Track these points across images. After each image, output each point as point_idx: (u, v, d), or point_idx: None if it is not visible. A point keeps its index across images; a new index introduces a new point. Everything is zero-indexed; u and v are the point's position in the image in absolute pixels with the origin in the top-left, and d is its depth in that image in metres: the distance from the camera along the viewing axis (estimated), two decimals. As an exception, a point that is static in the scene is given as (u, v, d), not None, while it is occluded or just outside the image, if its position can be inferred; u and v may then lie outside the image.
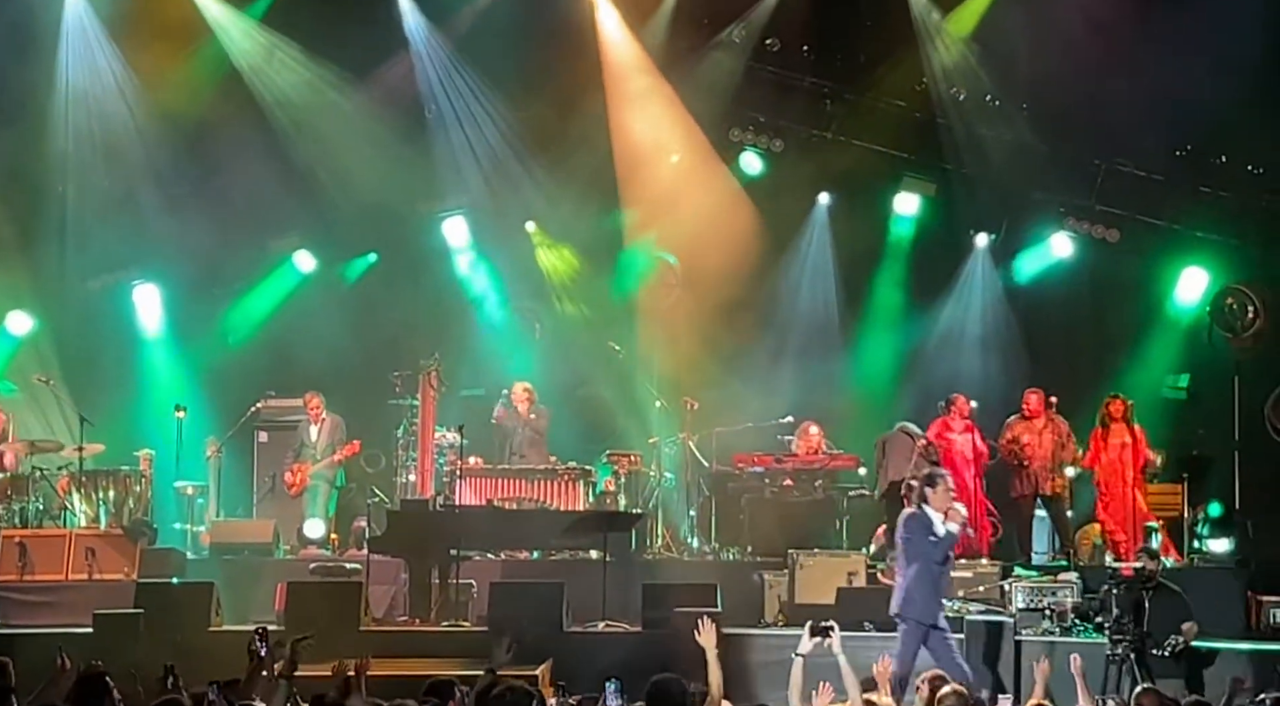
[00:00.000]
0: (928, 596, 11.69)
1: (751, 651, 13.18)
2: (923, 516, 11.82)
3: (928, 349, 18.40)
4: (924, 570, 11.73)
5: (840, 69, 17.97)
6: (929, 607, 11.67)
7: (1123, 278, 18.38)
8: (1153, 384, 17.97)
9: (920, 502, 11.87)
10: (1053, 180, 18.10)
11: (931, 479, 11.95)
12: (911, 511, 11.94)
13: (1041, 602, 14.57)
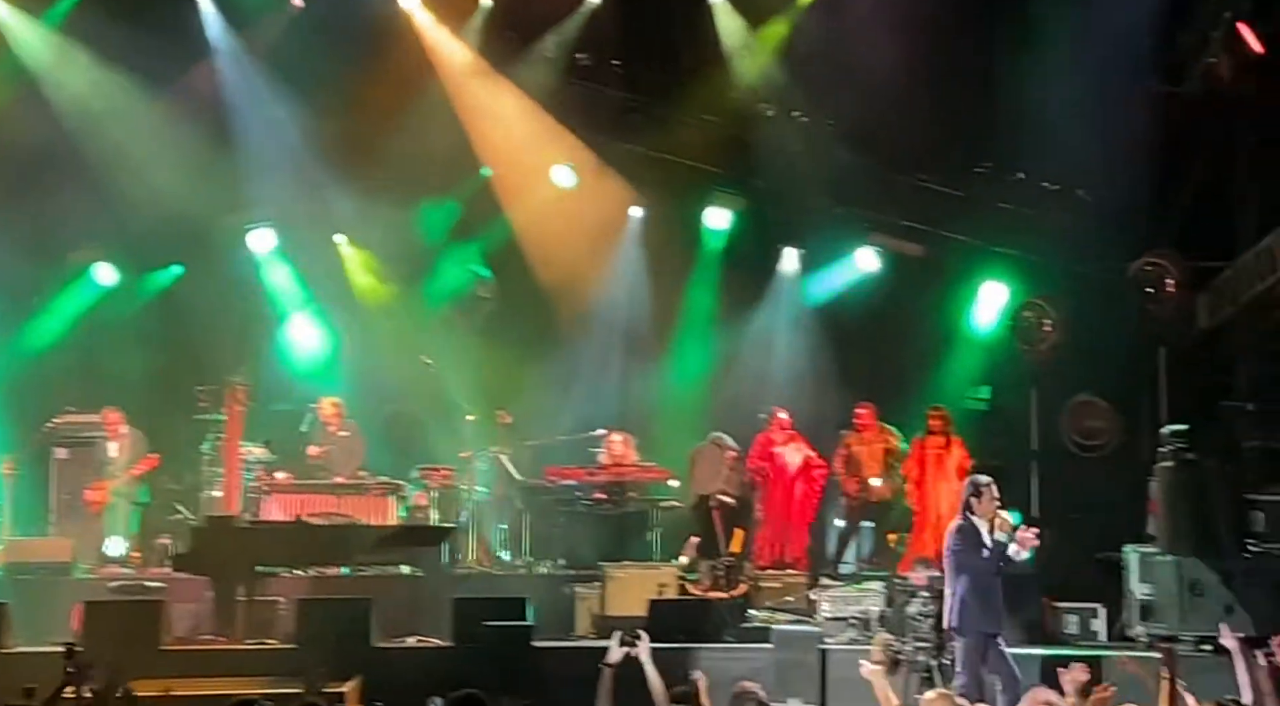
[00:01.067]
0: (985, 607, 11.67)
1: (562, 663, 13.17)
2: (971, 527, 11.79)
3: (739, 361, 18.60)
4: (976, 581, 11.68)
5: (651, 83, 18.09)
6: (987, 617, 11.65)
7: (926, 291, 18.77)
8: (955, 395, 18.36)
9: (966, 512, 11.83)
10: (858, 195, 18.41)
11: (976, 488, 11.87)
12: (959, 523, 11.87)
13: (847, 612, 14.84)
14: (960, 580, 11.69)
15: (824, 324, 18.79)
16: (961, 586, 11.67)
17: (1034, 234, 18.39)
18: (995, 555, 11.67)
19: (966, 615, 11.57)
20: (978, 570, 11.64)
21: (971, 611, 11.58)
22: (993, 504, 11.76)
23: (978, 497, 11.77)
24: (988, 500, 11.76)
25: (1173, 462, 14.23)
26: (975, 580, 11.64)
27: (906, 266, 18.68)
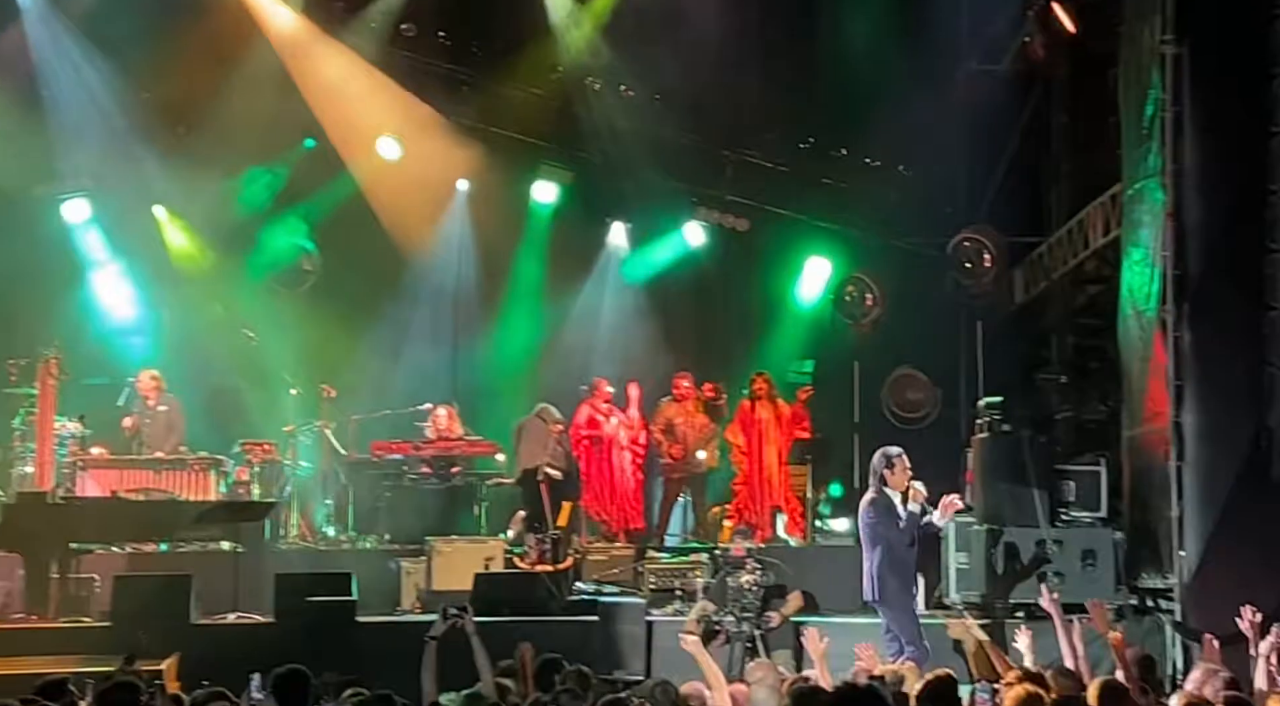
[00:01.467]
0: (901, 578, 11.70)
1: (386, 638, 13.08)
2: (884, 499, 11.77)
3: (566, 334, 18.62)
4: (892, 553, 11.69)
5: (477, 56, 17.97)
6: (903, 590, 11.69)
7: (751, 266, 18.98)
8: (780, 368, 18.57)
9: (880, 485, 11.80)
10: (685, 170, 18.51)
11: (888, 460, 11.83)
12: (872, 495, 11.85)
13: (673, 584, 14.96)
14: (876, 552, 11.75)
15: (651, 297, 18.90)
16: (877, 558, 11.73)
17: (856, 209, 18.68)
18: (910, 526, 11.76)
19: (886, 587, 11.64)
20: (892, 542, 11.71)
21: (889, 583, 11.66)
22: (905, 475, 11.84)
23: (890, 469, 11.83)
24: (900, 471, 11.82)
25: (988, 434, 14.58)
26: (891, 552, 11.72)
27: (732, 241, 18.85)
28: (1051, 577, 13.38)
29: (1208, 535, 12.32)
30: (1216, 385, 12.56)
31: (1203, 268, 12.64)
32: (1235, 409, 12.48)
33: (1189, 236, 12.66)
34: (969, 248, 17.85)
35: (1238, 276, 12.54)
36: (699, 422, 16.90)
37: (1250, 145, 12.39)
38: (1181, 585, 12.31)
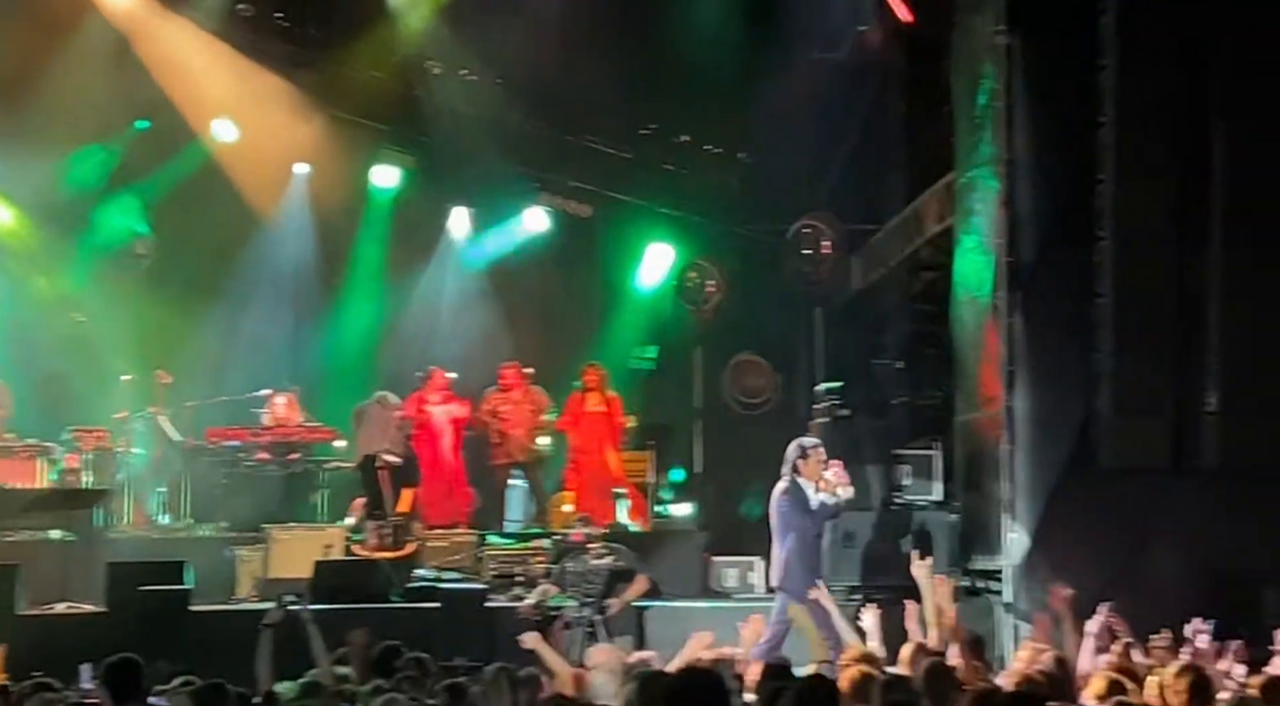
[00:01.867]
0: (807, 567, 11.70)
1: (221, 626, 12.89)
2: (797, 488, 11.81)
3: (407, 319, 18.49)
4: (801, 540, 11.73)
5: (314, 37, 17.72)
6: (809, 576, 11.66)
7: (594, 252, 18.99)
8: (622, 354, 18.62)
9: (793, 474, 11.83)
10: (527, 155, 18.46)
11: (803, 450, 11.89)
12: (785, 485, 11.88)
13: (514, 570, 14.93)
14: (787, 539, 11.83)
15: (493, 282, 18.82)
16: (788, 545, 11.81)
17: (698, 196, 18.77)
18: (820, 516, 11.87)
19: (790, 574, 11.69)
20: (803, 530, 11.82)
21: (795, 570, 11.72)
22: (819, 466, 11.95)
23: (804, 459, 11.95)
24: (814, 461, 11.94)
25: (827, 419, 14.75)
26: (801, 540, 11.82)
27: (574, 226, 18.85)
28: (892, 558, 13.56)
29: (1037, 517, 12.58)
30: (1047, 371, 12.82)
31: (1034, 255, 12.89)
32: (1064, 394, 12.75)
33: (1021, 224, 12.89)
34: (808, 234, 18.03)
35: (1068, 264, 12.79)
36: (526, 411, 16.79)
37: (1079, 135, 12.65)
38: (1011, 566, 12.55)
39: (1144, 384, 12.41)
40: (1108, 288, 12.44)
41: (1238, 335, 12.26)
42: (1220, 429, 12.32)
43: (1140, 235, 12.39)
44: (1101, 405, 12.51)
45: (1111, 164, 12.38)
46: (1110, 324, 12.41)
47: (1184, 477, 12.50)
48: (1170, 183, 12.32)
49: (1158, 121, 12.32)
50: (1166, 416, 12.39)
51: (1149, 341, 12.38)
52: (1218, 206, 12.24)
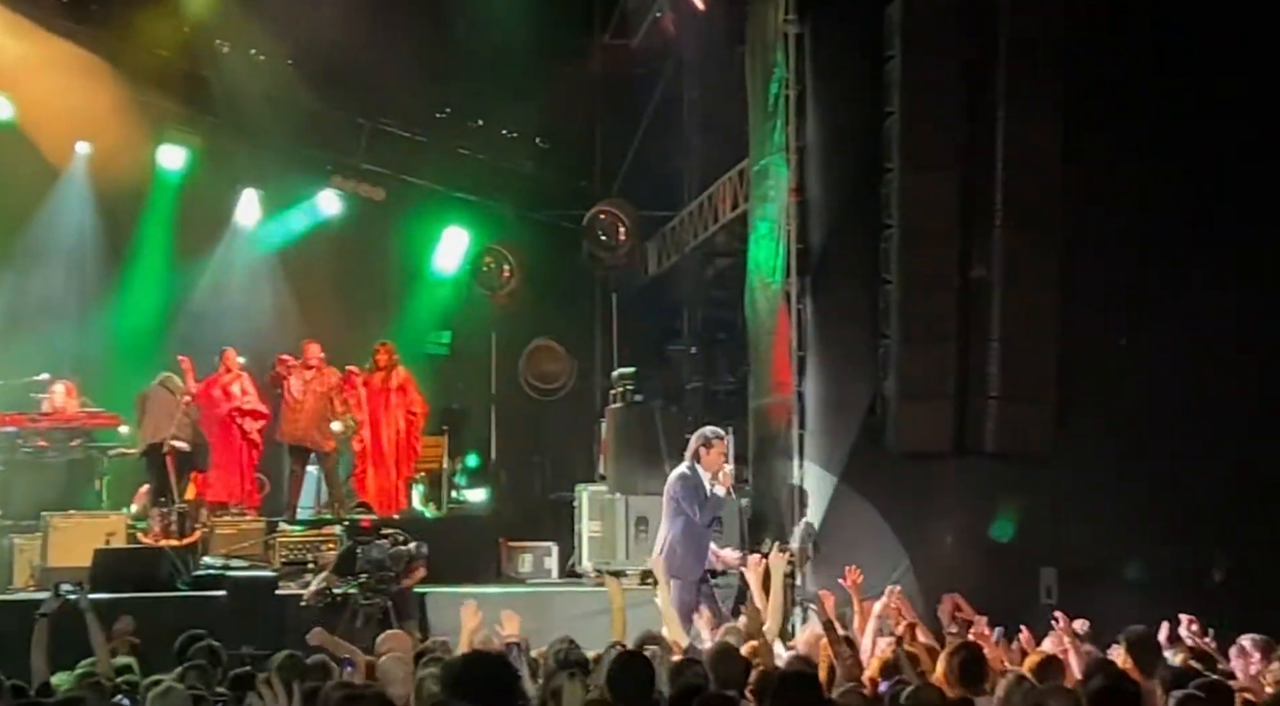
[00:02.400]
0: (692, 553, 11.56)
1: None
2: (694, 476, 11.70)
3: (195, 301, 18.09)
4: (689, 529, 11.60)
5: (98, 14, 17.22)
6: (693, 565, 11.53)
7: (388, 235, 18.79)
8: (417, 339, 18.47)
9: (694, 461, 11.71)
10: (319, 137, 18.18)
11: (706, 440, 11.76)
12: (683, 471, 11.76)
13: (305, 557, 14.72)
14: (675, 524, 11.77)
15: (285, 266, 18.51)
16: (675, 531, 11.75)
17: (494, 180, 18.69)
18: (712, 506, 11.81)
19: (674, 559, 11.57)
20: (691, 518, 11.75)
21: (679, 557, 11.61)
22: (720, 458, 11.90)
23: (706, 448, 11.86)
24: (716, 454, 11.87)
25: (622, 404, 14.81)
26: (689, 527, 11.74)
27: (368, 210, 18.60)
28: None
29: (826, 500, 12.78)
30: (836, 356, 13.04)
31: (824, 242, 13.09)
32: (853, 378, 12.97)
33: (811, 211, 13.09)
34: (604, 221, 18.08)
35: (857, 251, 13.01)
36: (315, 392, 16.49)
37: (867, 124, 12.86)
38: (801, 549, 12.73)
39: (929, 369, 12.66)
40: (894, 275, 12.66)
41: (1017, 322, 12.57)
42: (1001, 413, 12.63)
43: (926, 223, 12.64)
44: (888, 389, 12.75)
45: (898, 153, 12.61)
46: (897, 310, 12.65)
47: (967, 460, 12.78)
48: (954, 172, 12.57)
49: (942, 112, 12.57)
50: (950, 401, 12.66)
51: (934, 327, 12.64)
52: (999, 195, 12.53)
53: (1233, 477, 12.70)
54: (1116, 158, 12.76)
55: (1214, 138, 12.83)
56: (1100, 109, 12.73)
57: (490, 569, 15.34)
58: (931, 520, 12.87)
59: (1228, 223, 12.94)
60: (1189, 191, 12.86)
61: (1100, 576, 12.34)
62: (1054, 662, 7.86)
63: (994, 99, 12.53)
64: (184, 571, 13.83)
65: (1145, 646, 8.00)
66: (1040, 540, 12.70)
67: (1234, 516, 12.63)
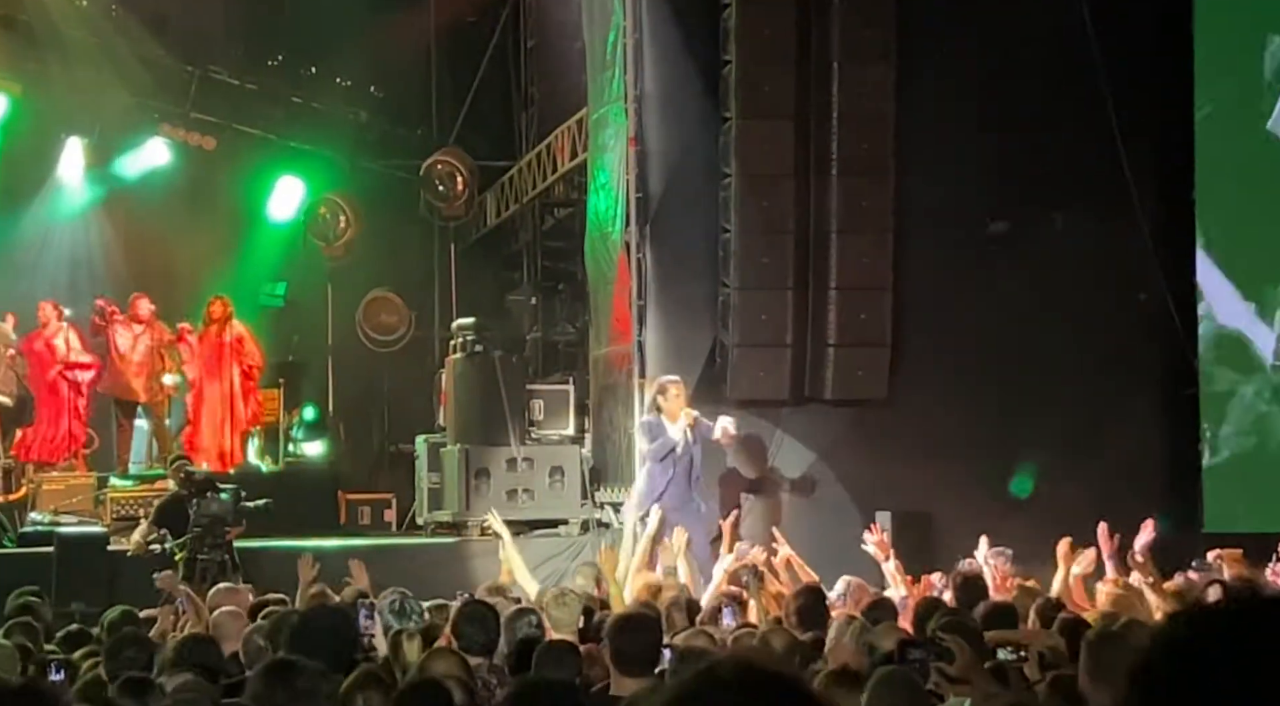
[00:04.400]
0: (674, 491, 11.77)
1: None
2: (653, 423, 11.98)
3: (16, 251, 17.60)
4: (649, 474, 11.86)
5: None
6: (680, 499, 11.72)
7: (221, 185, 18.40)
8: (251, 291, 18.14)
9: (655, 410, 11.99)
10: (146, 85, 17.72)
11: (660, 387, 11.99)
12: (645, 419, 12.09)
13: (137, 512, 14.42)
14: (641, 471, 12.06)
15: (112, 216, 18.06)
16: (641, 477, 12.03)
17: (328, 129, 18.40)
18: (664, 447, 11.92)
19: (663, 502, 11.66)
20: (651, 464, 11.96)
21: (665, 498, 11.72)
22: (678, 402, 11.99)
23: (662, 396, 12.04)
24: (672, 399, 12.00)
25: (461, 354, 14.70)
26: (650, 474, 11.95)
27: (199, 158, 18.18)
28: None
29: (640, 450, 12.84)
30: (676, 304, 13.08)
31: (663, 191, 13.09)
32: (693, 327, 13.02)
33: (650, 161, 13.08)
34: (441, 170, 17.90)
35: (696, 201, 13.04)
36: (144, 346, 16.10)
37: (705, 73, 12.88)
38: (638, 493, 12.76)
39: (768, 317, 12.75)
40: (733, 223, 12.71)
41: (855, 269, 12.71)
42: (840, 360, 12.77)
43: (763, 172, 12.71)
44: (728, 338, 12.82)
45: (735, 103, 12.64)
46: (735, 259, 12.71)
47: (805, 407, 12.91)
48: (791, 120, 12.64)
49: (778, 61, 12.62)
50: (789, 348, 12.77)
51: (772, 276, 12.72)
52: (835, 143, 12.63)
53: (1067, 418, 13.00)
54: (949, 102, 12.93)
55: (1047, 76, 13.06)
56: (933, 54, 12.88)
57: (329, 522, 15.18)
58: (772, 467, 13.00)
59: (1062, 163, 13.19)
60: (1022, 132, 13.07)
61: (934, 520, 12.57)
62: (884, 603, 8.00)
63: (829, 47, 12.61)
64: (10, 528, 13.49)
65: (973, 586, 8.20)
66: (876, 485, 12.89)
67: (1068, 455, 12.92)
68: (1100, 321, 13.22)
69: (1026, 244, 13.09)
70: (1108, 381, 13.16)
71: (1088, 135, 13.11)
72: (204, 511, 12.65)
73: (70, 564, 12.58)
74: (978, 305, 13.08)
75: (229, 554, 12.46)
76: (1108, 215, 13.10)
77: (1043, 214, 13.14)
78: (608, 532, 13.44)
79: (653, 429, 12.13)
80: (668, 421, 12.05)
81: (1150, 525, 9.47)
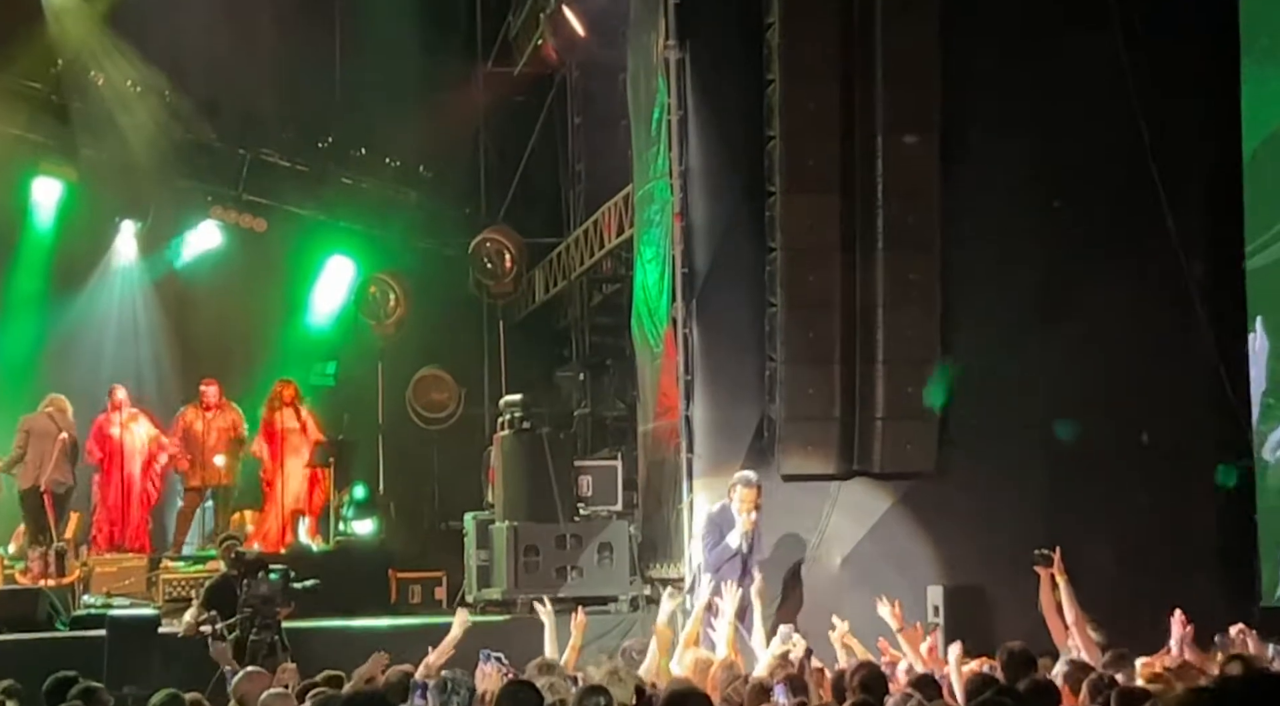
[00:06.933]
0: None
1: None
2: (721, 514, 11.90)
3: (73, 338, 17.81)
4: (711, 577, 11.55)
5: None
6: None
7: (272, 266, 18.59)
8: (302, 371, 18.26)
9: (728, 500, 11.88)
10: (199, 169, 17.98)
11: (733, 484, 11.86)
12: (720, 505, 11.94)
13: (190, 593, 14.45)
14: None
15: (166, 299, 18.27)
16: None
17: (378, 209, 18.58)
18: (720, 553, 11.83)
19: None
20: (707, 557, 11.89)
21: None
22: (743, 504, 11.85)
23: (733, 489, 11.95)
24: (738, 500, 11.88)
25: (509, 432, 14.71)
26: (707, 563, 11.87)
27: (250, 241, 18.39)
28: None
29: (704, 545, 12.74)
30: (723, 379, 13.02)
31: (709, 266, 13.08)
32: (740, 402, 12.96)
33: (696, 236, 13.08)
34: (490, 248, 18.01)
35: (741, 274, 13.02)
36: (222, 430, 16.31)
37: (750, 148, 12.90)
38: (692, 573, 12.70)
39: (815, 391, 12.69)
40: (779, 297, 12.70)
41: (901, 342, 12.65)
42: (888, 433, 12.69)
43: (809, 246, 12.68)
44: (774, 411, 12.77)
45: (780, 177, 12.65)
46: (782, 332, 12.67)
47: (854, 481, 12.83)
48: (836, 194, 12.64)
49: (822, 134, 12.62)
50: (837, 422, 12.70)
51: (819, 349, 12.68)
52: (881, 217, 12.61)
53: (1118, 489, 12.87)
54: (995, 170, 12.90)
55: (1091, 140, 13.02)
56: (977, 125, 12.87)
57: (381, 601, 15.16)
58: (821, 542, 12.90)
59: (1110, 230, 13.12)
60: (1068, 205, 13.03)
61: (986, 593, 12.43)
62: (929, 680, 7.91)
63: (873, 119, 12.61)
64: (63, 611, 13.55)
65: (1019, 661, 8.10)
66: (926, 558, 12.77)
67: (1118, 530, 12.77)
68: (1151, 391, 13.10)
69: (1073, 313, 13.00)
70: (1160, 452, 13.02)
71: (1137, 203, 13.05)
72: (253, 592, 12.66)
73: (122, 647, 12.59)
74: (1026, 376, 12.98)
75: (278, 634, 12.44)
76: (1157, 283, 13.02)
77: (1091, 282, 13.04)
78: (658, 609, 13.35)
79: (719, 527, 12.00)
80: (738, 518, 11.94)
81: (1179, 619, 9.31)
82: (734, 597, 10.30)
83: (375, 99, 17.30)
